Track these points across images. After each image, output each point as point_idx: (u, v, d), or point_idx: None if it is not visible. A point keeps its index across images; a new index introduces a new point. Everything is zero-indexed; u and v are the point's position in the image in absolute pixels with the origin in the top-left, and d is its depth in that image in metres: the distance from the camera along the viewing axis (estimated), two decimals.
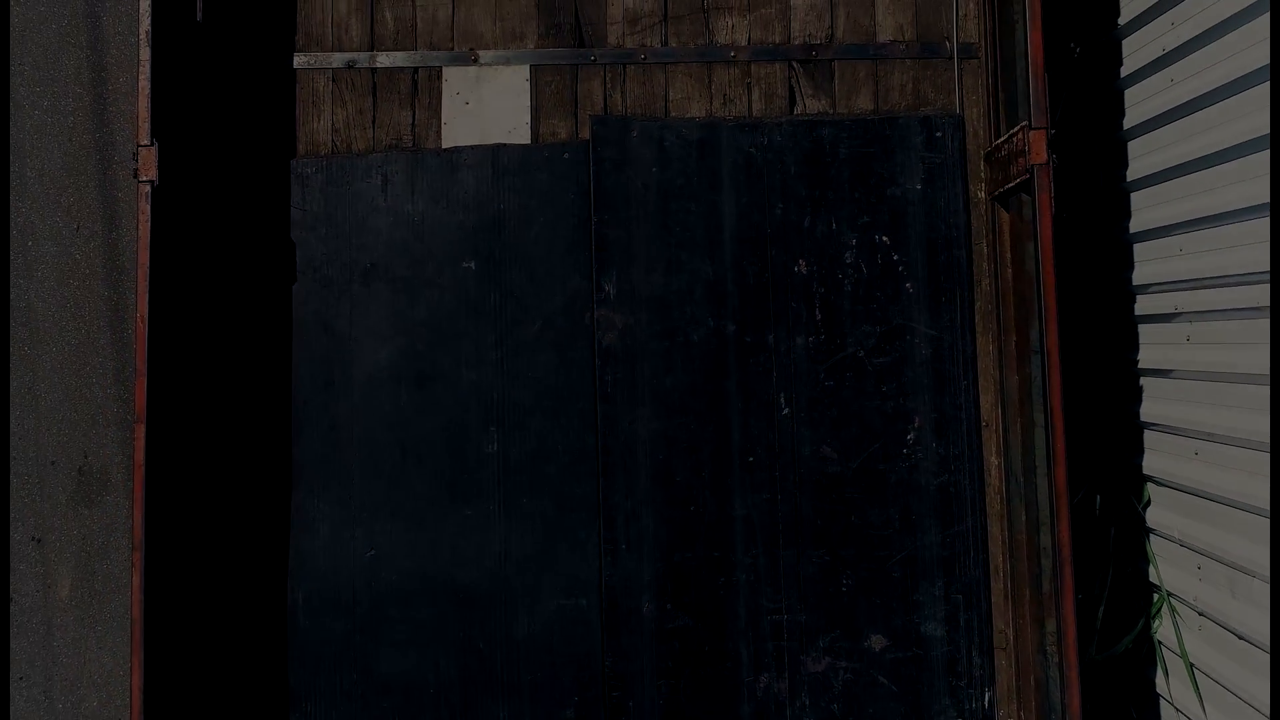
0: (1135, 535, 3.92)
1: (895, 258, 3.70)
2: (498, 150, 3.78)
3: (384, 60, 3.83)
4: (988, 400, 3.68)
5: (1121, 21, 3.87)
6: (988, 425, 3.68)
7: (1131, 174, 3.85)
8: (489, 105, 3.81)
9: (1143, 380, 3.84)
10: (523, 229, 3.75)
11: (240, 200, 3.75)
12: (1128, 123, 3.87)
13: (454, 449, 3.71)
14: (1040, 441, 3.34)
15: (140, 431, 3.28)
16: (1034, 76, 3.23)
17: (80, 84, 4.92)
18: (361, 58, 3.83)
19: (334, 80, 3.84)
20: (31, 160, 4.85)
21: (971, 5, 3.79)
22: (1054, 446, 3.15)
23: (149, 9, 3.36)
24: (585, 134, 3.80)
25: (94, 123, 4.99)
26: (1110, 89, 3.98)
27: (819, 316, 3.69)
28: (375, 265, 3.75)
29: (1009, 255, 3.62)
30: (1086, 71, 4.13)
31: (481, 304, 3.73)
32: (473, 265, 3.75)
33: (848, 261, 3.70)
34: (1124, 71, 3.88)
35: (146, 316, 3.30)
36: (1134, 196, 3.86)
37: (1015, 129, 3.36)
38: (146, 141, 3.35)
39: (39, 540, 4.97)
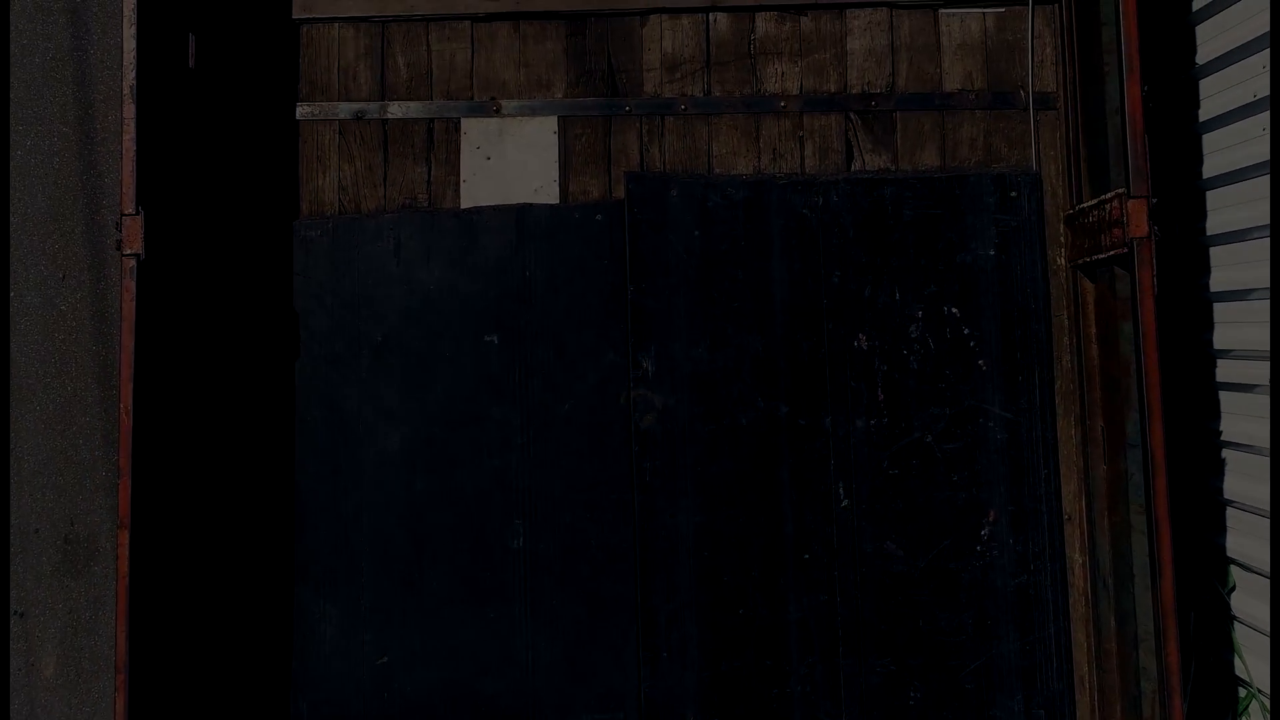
0: (1219, 622, 3.53)
1: (966, 331, 3.33)
2: (523, 211, 3.41)
3: (396, 110, 3.46)
4: (1070, 491, 3.31)
5: (1200, 61, 3.49)
6: (1070, 519, 3.31)
7: (1211, 227, 3.48)
8: (512, 161, 3.44)
9: (1225, 453, 3.46)
10: (551, 299, 3.38)
11: (237, 267, 3.38)
12: (1208, 171, 3.49)
13: (475, 543, 3.33)
14: (1138, 547, 2.97)
15: (124, 539, 2.91)
16: (1132, 137, 2.86)
17: (66, 122, 4.54)
18: (371, 108, 3.46)
19: (341, 133, 3.47)
20: (14, 203, 4.47)
21: (1049, 50, 3.41)
22: (1159, 556, 2.77)
23: (134, 60, 2.99)
24: (619, 193, 3.43)
25: (81, 163, 4.61)
26: (1187, 133, 3.60)
27: (881, 397, 3.32)
28: (387, 339, 3.38)
29: (1094, 330, 3.24)
30: (1157, 113, 3.75)
31: (505, 382, 3.36)
32: (495, 339, 3.37)
33: (913, 336, 3.33)
34: (1203, 115, 3.51)
35: (132, 408, 2.92)
36: (1213, 252, 3.49)
37: (1109, 195, 2.98)
38: (132, 210, 2.98)
39: (21, 614, 4.58)
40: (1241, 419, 3.34)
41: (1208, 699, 3.53)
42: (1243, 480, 3.33)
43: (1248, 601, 3.36)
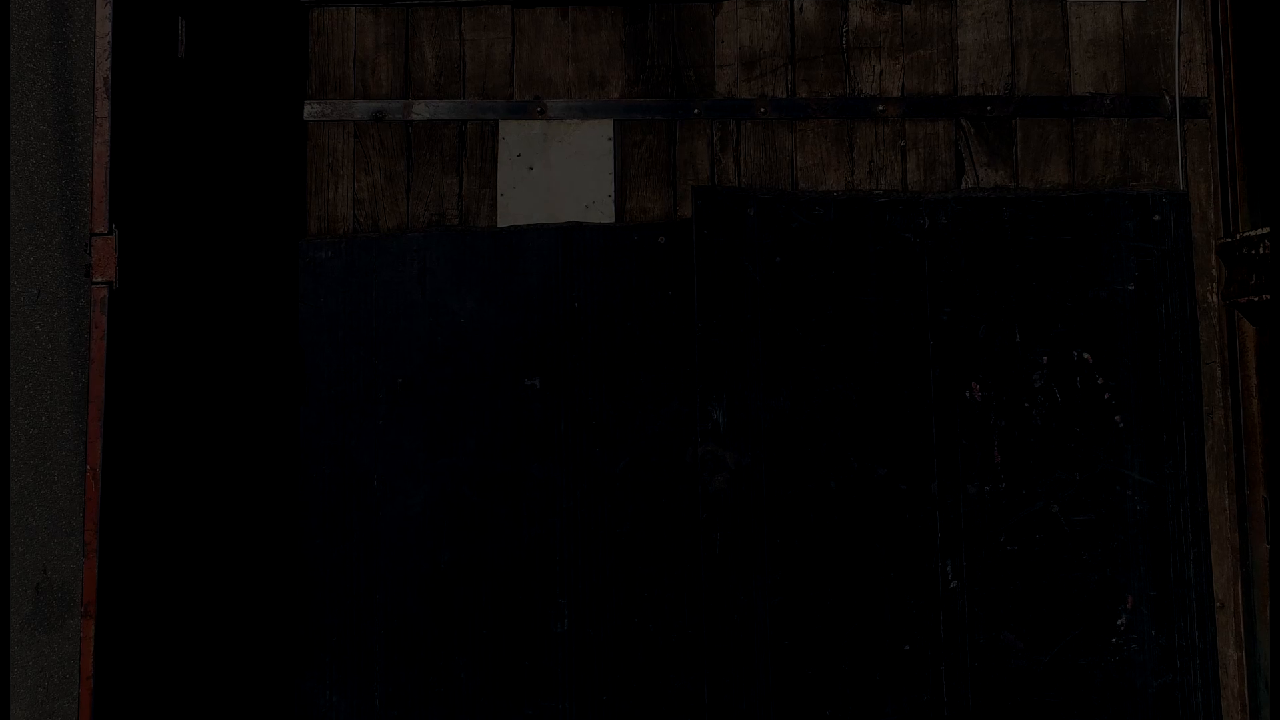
0: None
1: (1099, 381, 2.79)
2: (571, 231, 2.88)
3: (422, 111, 2.93)
4: (1224, 574, 2.77)
5: None
6: (1223, 607, 2.77)
7: None
8: (559, 171, 2.91)
9: None
10: (603, 336, 2.85)
11: (233, 296, 2.84)
12: None
13: (512, 627, 2.80)
14: None
15: (89, 630, 2.38)
16: None
17: (44, 120, 4.01)
18: (393, 107, 2.93)
19: (357, 136, 2.94)
20: None
21: (1198, 48, 2.88)
22: None
23: (109, 46, 2.46)
24: (686, 211, 2.90)
25: (60, 166, 4.07)
26: None
27: (998, 458, 2.78)
28: (409, 381, 2.85)
29: (1255, 382, 2.71)
30: None
31: (549, 434, 2.83)
32: (537, 383, 2.84)
33: (1036, 385, 2.79)
34: None
35: (100, 469, 2.40)
36: None
37: None
38: (104, 228, 2.45)
39: None
40: None
41: None
42: None
43: None
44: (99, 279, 2.45)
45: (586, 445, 2.83)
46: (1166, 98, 2.88)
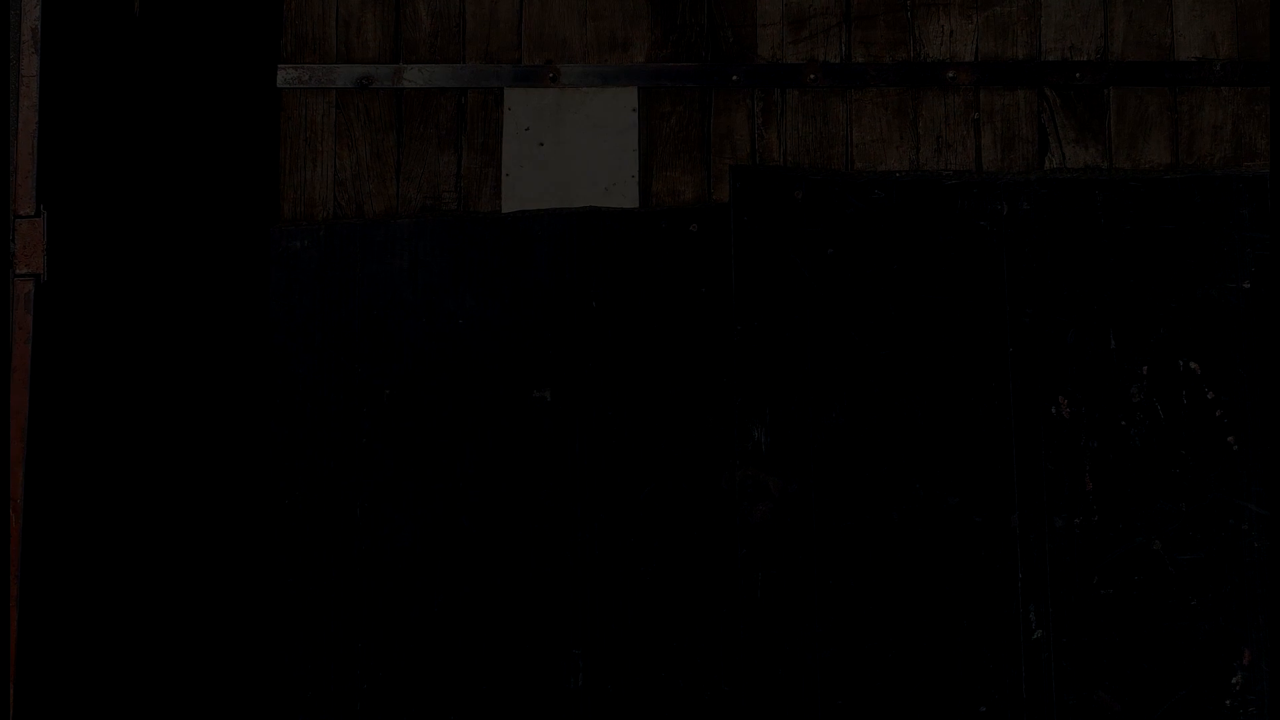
0: None
1: (1209, 395, 2.37)
2: (588, 217, 2.46)
3: (415, 77, 2.51)
4: None
5: None
6: None
7: None
8: (575, 148, 2.49)
9: None
10: (625, 341, 2.44)
11: (189, 292, 2.43)
12: None
13: (517, 682, 2.38)
14: None
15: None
16: None
17: None
18: (381, 73, 2.51)
19: (339, 106, 2.53)
20: None
21: None
22: None
23: None
24: (722, 194, 2.49)
25: None
26: None
27: (1090, 486, 2.36)
28: (398, 392, 2.43)
29: None
30: None
31: (560, 455, 2.42)
32: (547, 395, 2.43)
33: (1135, 400, 2.38)
34: None
35: (23, 502, 1.98)
36: None
37: None
38: (30, 209, 2.04)
39: None
40: None
41: None
42: None
43: None
44: (23, 270, 2.04)
45: (605, 469, 2.42)
46: None
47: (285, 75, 2.52)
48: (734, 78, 2.49)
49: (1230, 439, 2.37)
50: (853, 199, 2.43)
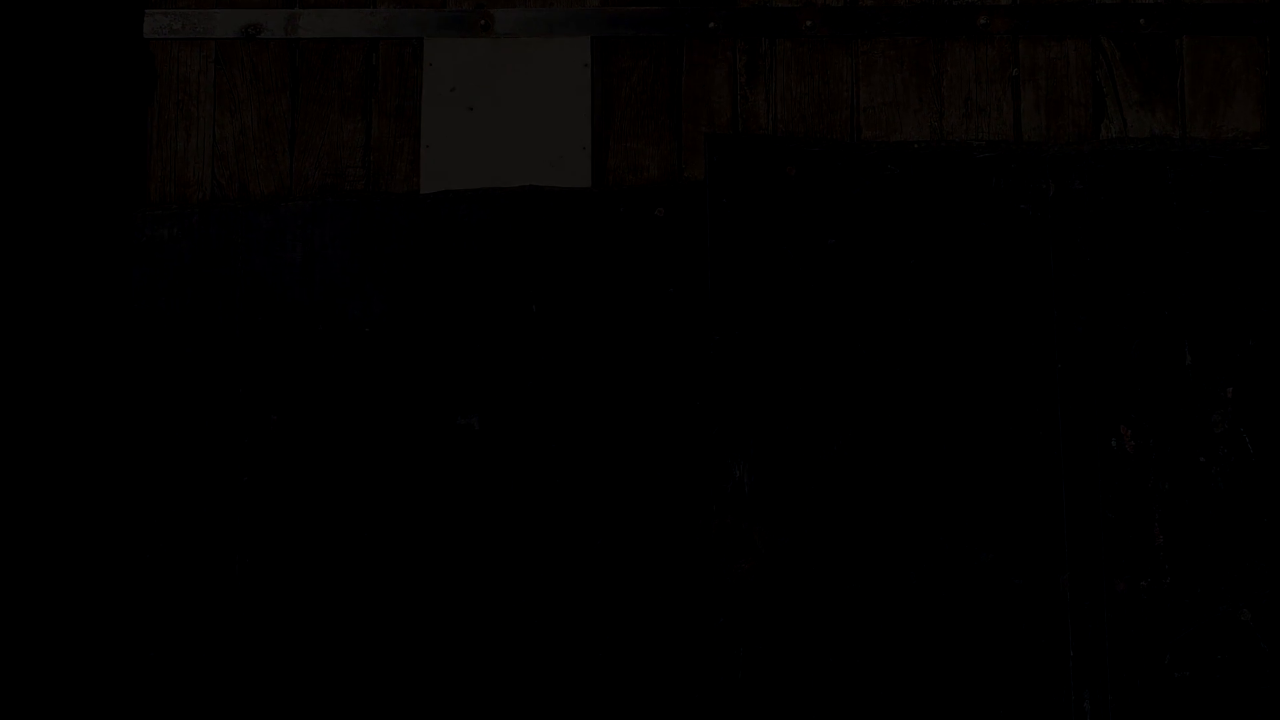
0: None
1: None
2: (528, 200, 1.97)
3: (314, 25, 2.02)
4: None
5: None
6: None
7: None
8: (512, 113, 2.00)
9: None
10: (573, 354, 1.94)
11: (25, 294, 1.93)
12: None
13: None
14: None
15: None
16: None
17: None
18: (272, 19, 2.02)
19: (219, 62, 2.03)
20: None
21: None
22: None
23: None
24: (697, 170, 1.99)
25: None
26: None
27: (1160, 539, 1.87)
28: (287, 419, 1.94)
29: None
30: None
31: (493, 498, 1.92)
32: (475, 423, 1.93)
33: (1217, 431, 1.88)
34: None
35: None
36: None
37: None
38: None
39: None
40: None
41: None
42: None
43: None
44: None
45: (549, 514, 1.92)
46: None
47: (153, 23, 2.02)
48: (711, 25, 1.99)
49: None
50: (859, 176, 1.93)
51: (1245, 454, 1.87)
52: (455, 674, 1.88)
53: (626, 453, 1.92)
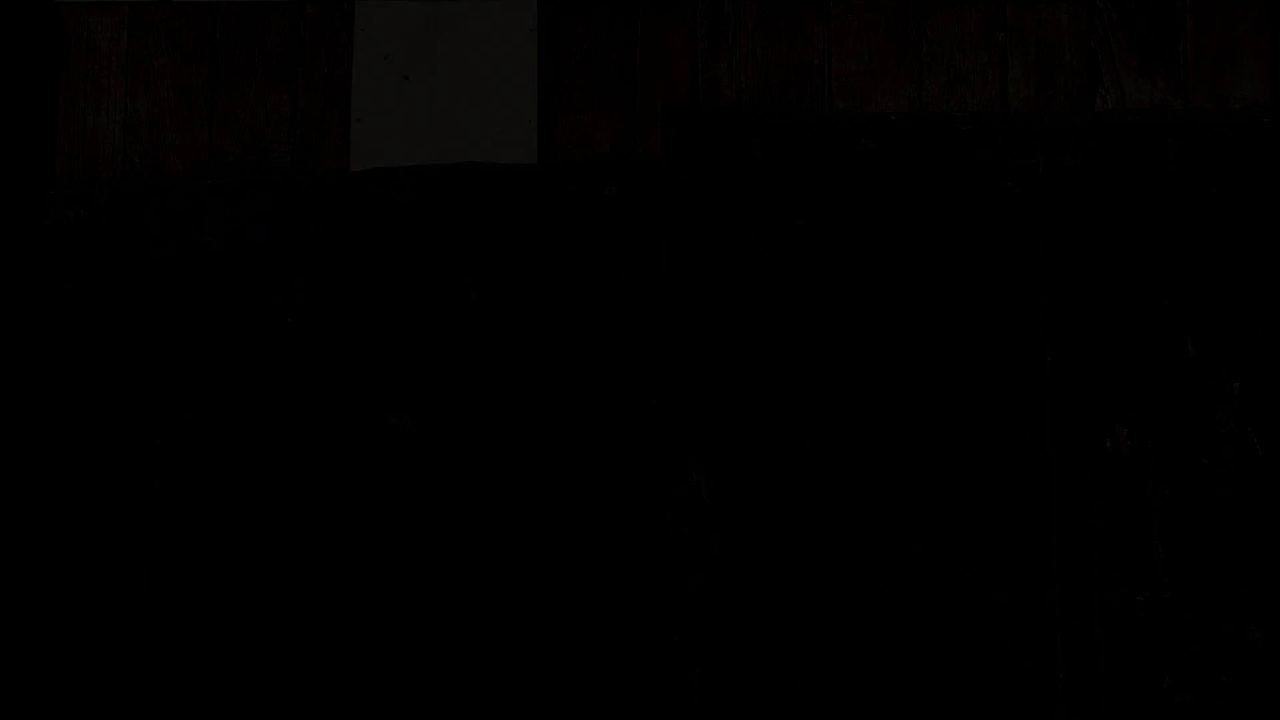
0: None
1: None
2: (468, 177, 1.80)
3: None
4: None
5: None
6: None
7: None
8: (451, 83, 1.83)
9: None
10: (515, 346, 1.77)
11: None
12: None
13: None
14: None
15: None
16: None
17: None
18: None
19: (131, 28, 1.86)
20: None
21: None
22: None
23: None
24: (652, 145, 1.82)
25: None
26: None
27: (1159, 549, 1.70)
28: (202, 419, 1.77)
29: None
30: None
31: (426, 506, 1.75)
32: (407, 422, 1.76)
33: (1222, 430, 1.71)
34: None
35: None
36: None
37: None
38: None
39: None
40: None
41: None
42: None
43: None
44: None
45: (484, 527, 1.75)
46: None
47: None
48: None
49: None
50: (830, 152, 1.76)
51: (1253, 456, 1.70)
52: (385, 695, 1.72)
53: (574, 456, 1.75)
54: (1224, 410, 1.71)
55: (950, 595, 1.69)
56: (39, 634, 1.73)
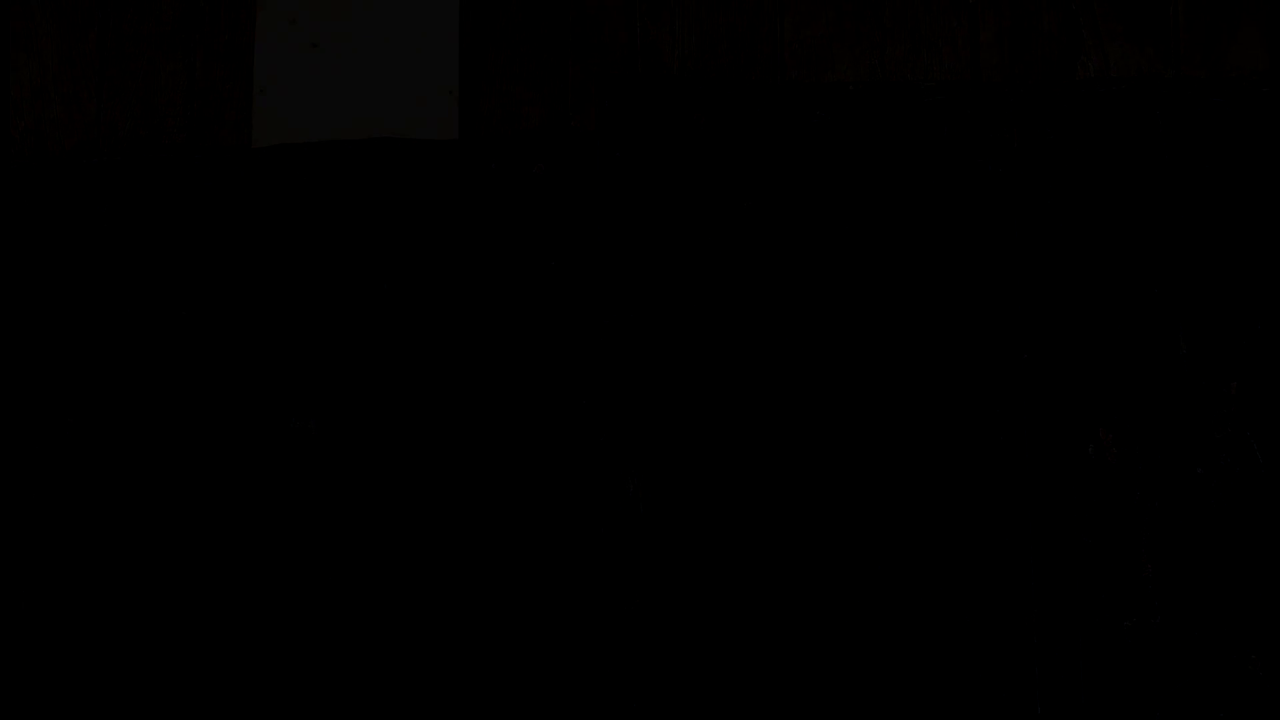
0: None
1: None
2: (380, 154, 1.62)
3: None
4: None
5: None
6: None
7: None
8: (364, 50, 1.65)
9: None
10: (431, 341, 1.59)
11: None
12: None
13: None
14: None
15: None
16: None
17: None
18: None
19: None
20: None
21: None
22: None
23: None
24: (586, 119, 1.64)
25: None
26: None
27: (1149, 569, 1.52)
28: (85, 424, 1.59)
29: None
30: None
31: (330, 516, 1.57)
32: (312, 425, 1.58)
33: (1218, 436, 1.53)
34: None
35: None
36: None
37: None
38: None
39: None
40: None
41: None
42: None
43: None
44: None
45: (399, 544, 1.57)
46: None
47: None
48: None
49: None
50: (783, 125, 1.58)
51: (1253, 464, 1.52)
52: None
53: (494, 460, 1.57)
54: (1220, 413, 1.53)
55: (911, 623, 1.51)
56: None
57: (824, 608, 1.51)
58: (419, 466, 1.57)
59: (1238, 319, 1.53)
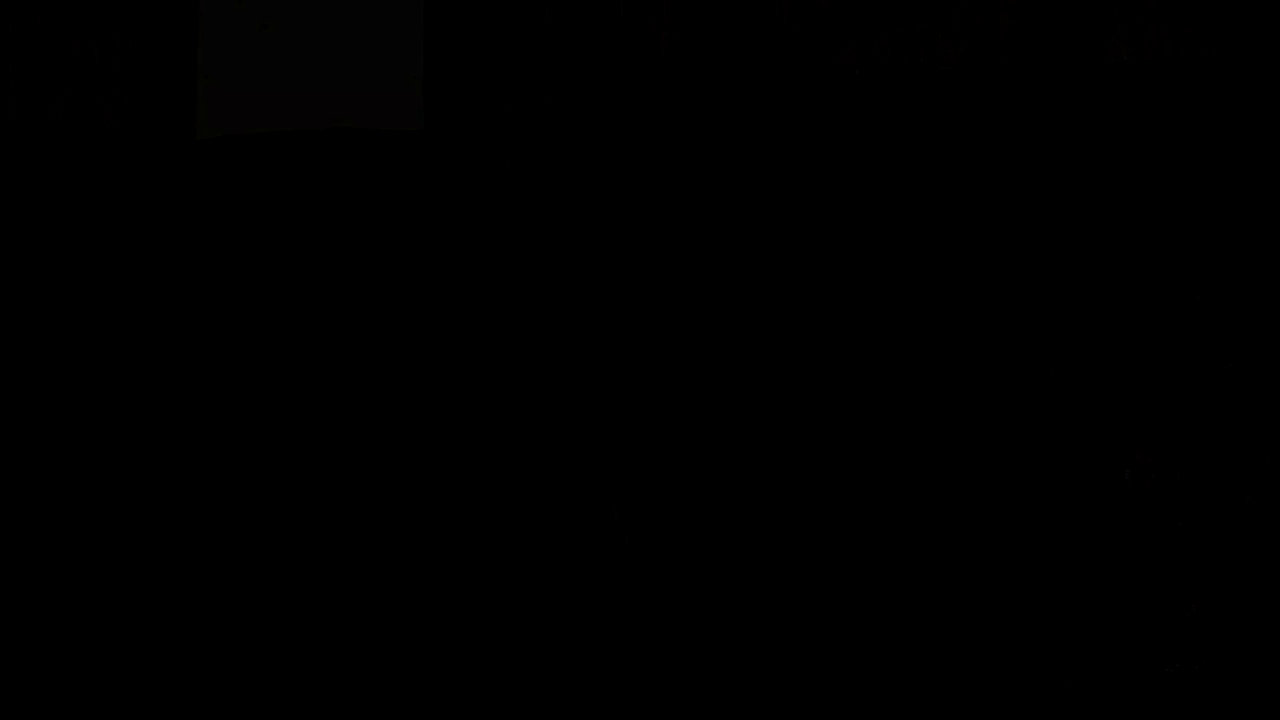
0: None
1: None
2: (338, 145, 1.46)
3: None
4: None
5: None
6: None
7: None
8: (319, 31, 1.50)
9: None
10: (395, 356, 1.43)
11: None
12: None
13: None
14: None
15: None
16: None
17: None
18: None
19: None
20: None
21: None
22: None
23: None
24: (567, 109, 1.49)
25: None
26: None
27: (1192, 609, 1.36)
28: (15, 437, 1.44)
29: None
30: None
31: (283, 559, 1.41)
32: (268, 435, 1.42)
33: (1268, 461, 1.37)
34: None
35: None
36: None
37: None
38: None
39: None
40: None
41: None
42: None
43: None
44: None
45: (353, 591, 1.41)
46: None
47: None
48: None
49: None
50: (783, 116, 1.43)
51: None
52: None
53: (464, 488, 1.41)
54: (1272, 436, 1.37)
55: (926, 670, 1.35)
56: None
57: (817, 645, 1.35)
58: (374, 493, 1.41)
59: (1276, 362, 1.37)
